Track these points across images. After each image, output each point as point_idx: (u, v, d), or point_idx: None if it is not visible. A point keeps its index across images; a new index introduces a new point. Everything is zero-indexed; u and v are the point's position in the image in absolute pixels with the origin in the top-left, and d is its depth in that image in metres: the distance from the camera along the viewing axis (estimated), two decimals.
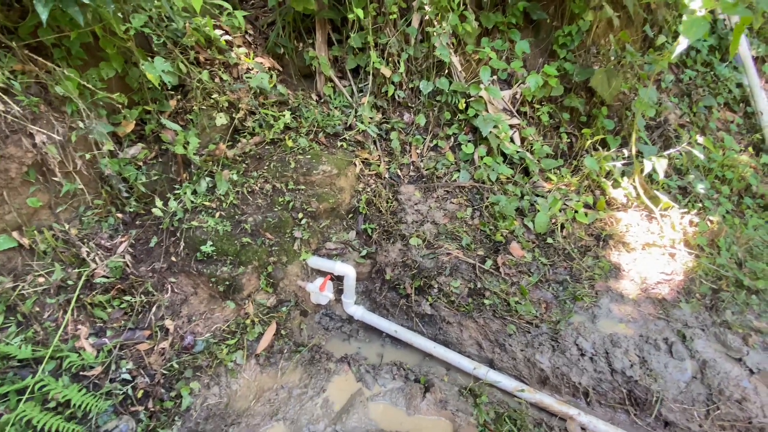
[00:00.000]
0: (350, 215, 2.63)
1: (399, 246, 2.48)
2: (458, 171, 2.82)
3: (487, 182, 2.80)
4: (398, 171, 2.79)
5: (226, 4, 2.42)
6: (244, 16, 2.57)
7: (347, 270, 2.34)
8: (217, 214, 2.29)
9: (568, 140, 3.04)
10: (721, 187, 2.88)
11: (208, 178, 2.37)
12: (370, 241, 2.57)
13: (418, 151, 2.88)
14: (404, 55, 2.77)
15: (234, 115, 2.50)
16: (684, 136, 2.97)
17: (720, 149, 3.09)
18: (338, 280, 2.46)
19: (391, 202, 2.64)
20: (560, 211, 2.61)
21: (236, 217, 2.31)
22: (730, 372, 1.93)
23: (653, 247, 2.49)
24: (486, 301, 2.33)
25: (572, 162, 2.92)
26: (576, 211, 2.60)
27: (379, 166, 2.71)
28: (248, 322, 2.23)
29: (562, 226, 2.63)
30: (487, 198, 2.74)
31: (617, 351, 2.02)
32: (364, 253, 2.53)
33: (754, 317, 2.23)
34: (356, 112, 2.82)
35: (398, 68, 2.78)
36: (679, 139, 2.96)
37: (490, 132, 2.80)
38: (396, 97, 2.88)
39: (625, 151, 2.71)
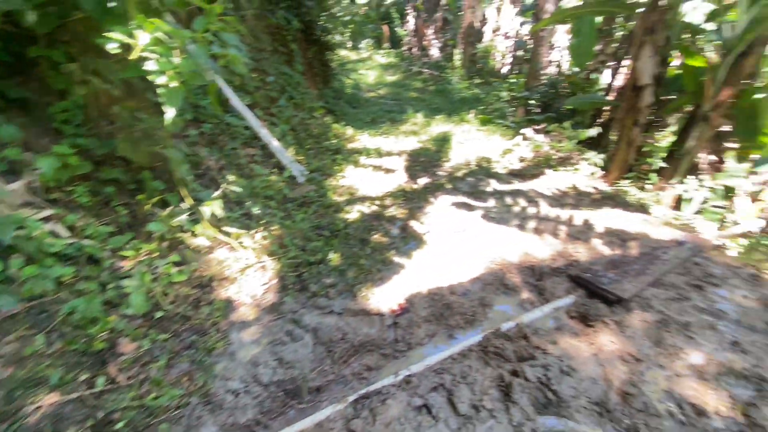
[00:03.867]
0: None
1: None
2: None
3: (48, 294, 2.20)
4: None
5: None
6: None
7: None
8: None
9: (128, 210, 2.90)
10: (269, 202, 3.78)
11: None
12: None
13: None
14: None
15: None
16: (227, 176, 3.59)
17: (257, 177, 4.01)
18: None
19: None
20: (154, 282, 2.50)
21: None
22: (329, 322, 2.67)
23: (248, 269, 2.92)
24: (120, 425, 1.90)
25: (142, 229, 2.83)
26: (169, 274, 2.58)
27: None
28: None
29: (165, 294, 2.53)
30: (58, 311, 2.16)
31: (260, 368, 2.26)
32: None
33: (326, 278, 3.16)
34: None
35: None
36: (224, 179, 3.56)
37: (16, 236, 2.17)
38: None
39: (184, 204, 2.94)
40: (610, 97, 6.34)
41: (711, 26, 5.16)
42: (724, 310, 2.89)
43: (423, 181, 5.37)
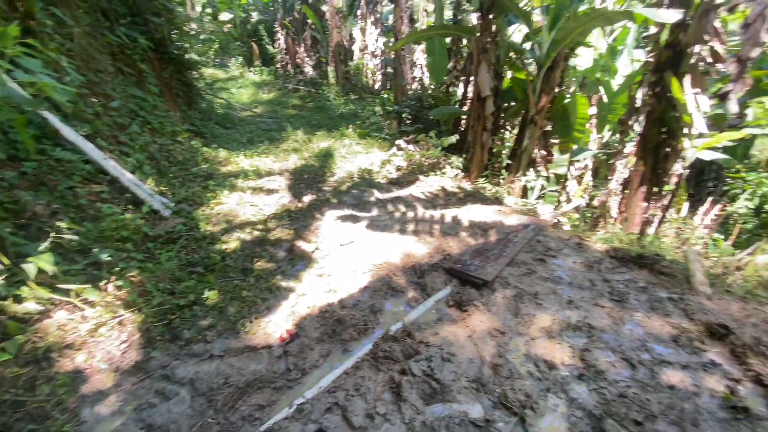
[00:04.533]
0: None
1: None
2: None
3: None
4: None
5: None
6: None
7: None
8: None
9: None
10: (124, 245, 3.30)
11: None
12: None
13: None
14: None
15: None
16: (60, 222, 3.03)
17: (105, 217, 3.46)
18: None
19: None
20: None
21: None
22: (208, 369, 2.44)
23: (99, 328, 2.50)
24: None
25: None
26: None
27: None
28: None
29: None
30: None
31: None
32: None
33: (202, 320, 2.88)
34: None
35: None
36: (56, 226, 2.99)
37: None
38: None
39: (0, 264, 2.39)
40: (465, 108, 7.23)
41: (528, 46, 6.31)
42: (560, 276, 3.52)
43: (308, 198, 5.34)
